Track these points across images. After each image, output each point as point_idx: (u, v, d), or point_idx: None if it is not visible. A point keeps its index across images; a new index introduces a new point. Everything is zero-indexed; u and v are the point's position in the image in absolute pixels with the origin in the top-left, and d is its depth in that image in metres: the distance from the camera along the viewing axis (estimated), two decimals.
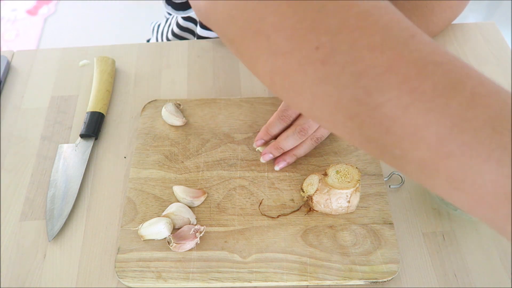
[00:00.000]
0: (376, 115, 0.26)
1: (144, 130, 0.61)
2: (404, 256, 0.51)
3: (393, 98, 0.25)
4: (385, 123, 0.26)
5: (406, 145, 0.26)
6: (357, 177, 0.52)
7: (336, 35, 0.26)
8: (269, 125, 0.56)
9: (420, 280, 0.50)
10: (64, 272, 0.51)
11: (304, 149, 0.56)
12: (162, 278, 0.49)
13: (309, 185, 0.54)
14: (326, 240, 0.51)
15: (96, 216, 0.55)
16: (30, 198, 0.56)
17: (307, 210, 0.53)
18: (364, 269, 0.49)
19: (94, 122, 0.61)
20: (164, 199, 0.55)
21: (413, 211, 0.55)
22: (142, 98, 0.66)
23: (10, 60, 0.71)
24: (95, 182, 0.58)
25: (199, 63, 0.70)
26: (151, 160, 0.58)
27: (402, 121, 0.25)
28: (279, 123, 0.55)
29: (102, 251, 0.52)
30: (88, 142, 0.61)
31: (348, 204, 0.52)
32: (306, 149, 0.57)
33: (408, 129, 0.25)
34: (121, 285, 0.50)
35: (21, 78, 0.69)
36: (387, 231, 0.52)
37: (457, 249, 0.52)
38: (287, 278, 0.49)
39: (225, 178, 0.57)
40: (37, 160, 0.60)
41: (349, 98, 0.26)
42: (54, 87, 0.68)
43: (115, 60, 0.69)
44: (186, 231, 0.51)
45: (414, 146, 0.26)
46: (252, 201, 0.55)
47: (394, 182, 0.57)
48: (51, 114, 0.65)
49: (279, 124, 0.55)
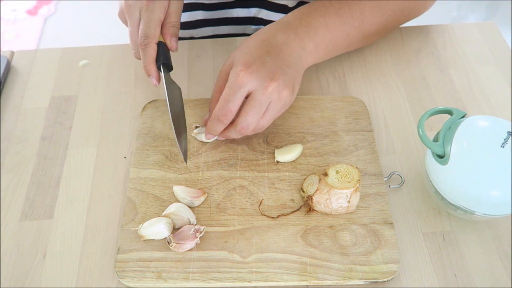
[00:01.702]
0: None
1: (144, 130, 0.61)
2: (404, 256, 0.51)
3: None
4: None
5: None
6: (357, 177, 0.52)
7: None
8: (210, 123, 0.55)
9: (420, 280, 0.50)
10: (64, 272, 0.51)
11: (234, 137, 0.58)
12: (162, 278, 0.49)
13: (309, 185, 0.54)
14: (326, 240, 0.51)
15: (96, 216, 0.55)
16: (30, 198, 0.56)
17: (307, 210, 0.53)
18: (364, 269, 0.49)
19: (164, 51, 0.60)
20: (164, 199, 0.55)
21: (413, 211, 0.55)
22: (142, 98, 0.66)
23: (10, 60, 0.71)
24: (95, 182, 0.58)
25: (199, 63, 0.70)
26: (151, 160, 0.58)
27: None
28: (219, 123, 0.55)
29: (102, 251, 0.52)
30: (166, 74, 0.59)
31: (348, 204, 0.52)
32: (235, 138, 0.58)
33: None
34: (121, 285, 0.50)
35: (21, 78, 0.69)
36: (387, 231, 0.52)
37: (457, 249, 0.52)
38: (287, 278, 0.49)
39: (225, 178, 0.57)
40: (37, 160, 0.60)
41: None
42: (54, 87, 0.68)
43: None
44: (186, 231, 0.51)
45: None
46: (252, 201, 0.55)
47: (394, 182, 0.57)
48: (51, 114, 0.65)
49: (220, 124, 0.55)
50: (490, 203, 0.48)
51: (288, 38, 0.57)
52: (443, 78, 0.67)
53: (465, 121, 0.50)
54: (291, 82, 0.55)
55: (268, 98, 0.53)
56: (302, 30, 0.59)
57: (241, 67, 0.53)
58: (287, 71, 0.55)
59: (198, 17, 0.82)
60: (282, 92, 0.54)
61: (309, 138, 0.60)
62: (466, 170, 0.48)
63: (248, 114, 0.53)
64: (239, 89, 0.53)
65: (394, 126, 0.62)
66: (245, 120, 0.53)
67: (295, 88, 0.56)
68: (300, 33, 0.58)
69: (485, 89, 0.66)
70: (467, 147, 0.48)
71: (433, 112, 0.52)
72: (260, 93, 0.53)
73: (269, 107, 0.54)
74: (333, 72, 0.69)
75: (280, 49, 0.56)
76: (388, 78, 0.68)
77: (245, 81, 0.52)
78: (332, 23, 0.60)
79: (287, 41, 0.57)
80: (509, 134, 0.48)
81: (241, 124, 0.54)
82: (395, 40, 0.73)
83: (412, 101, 0.65)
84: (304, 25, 0.59)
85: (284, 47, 0.56)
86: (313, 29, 0.59)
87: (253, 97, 0.53)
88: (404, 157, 0.59)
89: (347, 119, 0.62)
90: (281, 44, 0.56)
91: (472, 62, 0.69)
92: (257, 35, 0.58)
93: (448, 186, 0.50)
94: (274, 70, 0.54)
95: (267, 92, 0.53)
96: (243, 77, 0.52)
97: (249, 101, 0.53)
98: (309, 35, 0.59)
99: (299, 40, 0.58)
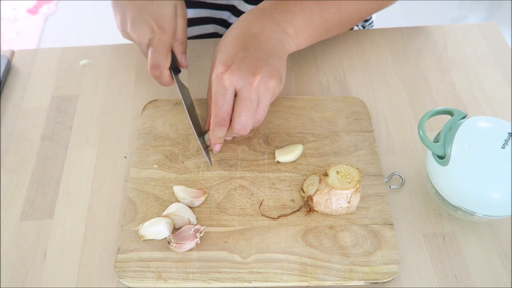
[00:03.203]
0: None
1: (145, 130, 0.61)
2: (404, 257, 0.51)
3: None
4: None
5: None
6: (358, 177, 0.52)
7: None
8: (212, 132, 0.55)
9: (420, 281, 0.50)
10: (64, 272, 0.51)
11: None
12: (162, 278, 0.49)
13: (310, 185, 0.54)
14: (326, 241, 0.51)
15: (96, 216, 0.55)
16: (30, 198, 0.56)
17: (308, 211, 0.53)
18: (364, 270, 0.49)
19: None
20: (164, 199, 0.55)
21: (414, 212, 0.55)
22: (142, 98, 0.66)
23: (10, 59, 0.71)
24: (95, 182, 0.58)
25: (199, 63, 0.70)
26: (152, 160, 0.58)
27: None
28: (220, 129, 0.54)
29: (102, 251, 0.52)
30: (176, 76, 0.62)
31: (349, 204, 0.52)
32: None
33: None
34: (121, 285, 0.50)
35: (21, 78, 0.69)
36: (388, 232, 0.52)
37: (457, 250, 0.52)
38: (287, 279, 0.49)
39: (225, 178, 0.57)
40: (37, 160, 0.60)
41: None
42: (54, 86, 0.68)
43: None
44: (186, 231, 0.51)
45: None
46: (253, 201, 0.55)
47: (395, 182, 0.57)
48: (51, 113, 0.65)
49: (220, 129, 0.54)
50: (490, 204, 0.48)
51: (264, 26, 0.56)
52: (444, 79, 0.67)
53: (466, 122, 0.50)
54: (276, 71, 0.54)
55: (256, 93, 0.52)
56: (279, 15, 0.57)
57: (221, 69, 0.52)
58: (269, 60, 0.54)
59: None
60: (268, 84, 0.53)
61: (310, 138, 0.60)
62: (467, 171, 0.48)
63: (242, 115, 0.52)
64: (225, 92, 0.52)
65: (395, 126, 0.62)
66: (240, 121, 0.53)
67: (281, 75, 0.55)
68: (276, 19, 0.57)
69: (486, 90, 0.66)
70: (468, 148, 0.48)
71: (434, 112, 0.52)
72: (246, 90, 0.52)
73: (260, 101, 0.53)
74: (334, 72, 0.69)
75: (257, 39, 0.55)
76: (388, 78, 0.68)
77: (228, 83, 0.52)
78: (309, 8, 0.59)
79: (263, 29, 0.55)
80: (509, 135, 0.48)
81: (238, 126, 0.53)
82: (395, 40, 0.73)
83: (412, 102, 0.65)
84: (279, 10, 0.58)
85: (261, 36, 0.55)
86: (290, 14, 0.58)
87: (240, 96, 0.52)
88: (404, 158, 0.59)
89: (348, 119, 0.62)
90: (257, 33, 0.55)
91: (473, 62, 0.69)
92: (231, 30, 0.56)
93: (448, 187, 0.50)
94: (255, 64, 0.52)
95: (253, 88, 0.52)
96: (225, 79, 0.52)
97: (238, 101, 0.53)
98: (287, 20, 0.57)
99: (277, 25, 0.56)
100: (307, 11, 0.59)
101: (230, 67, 0.52)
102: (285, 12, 0.58)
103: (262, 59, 0.53)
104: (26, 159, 0.60)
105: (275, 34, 0.56)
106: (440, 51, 0.71)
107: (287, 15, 0.58)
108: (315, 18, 0.60)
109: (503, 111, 0.63)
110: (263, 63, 0.53)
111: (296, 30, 0.58)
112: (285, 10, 0.58)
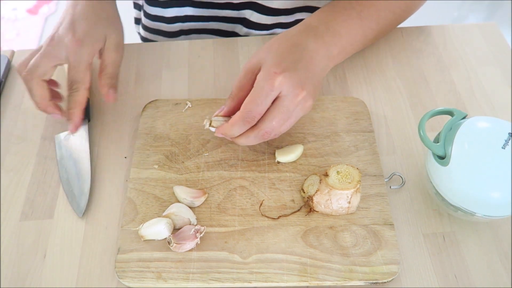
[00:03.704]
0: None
1: (145, 130, 0.61)
2: (404, 257, 0.51)
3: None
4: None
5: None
6: (358, 177, 0.52)
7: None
8: (232, 125, 0.52)
9: (420, 281, 0.50)
10: (64, 272, 0.51)
11: (251, 144, 0.55)
12: (162, 278, 0.49)
13: (310, 185, 0.54)
14: (326, 241, 0.51)
15: (96, 216, 0.55)
16: (30, 198, 0.56)
17: (308, 211, 0.53)
18: (364, 270, 0.49)
19: None
20: (164, 200, 0.55)
21: (414, 212, 0.55)
22: (142, 98, 0.66)
23: (10, 59, 0.71)
24: (95, 182, 0.58)
25: (199, 63, 0.70)
26: (152, 160, 0.58)
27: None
28: (243, 126, 0.52)
29: (102, 251, 0.52)
30: (83, 126, 0.62)
31: (349, 204, 0.52)
32: (252, 144, 0.55)
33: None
34: (121, 285, 0.50)
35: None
36: (388, 232, 0.52)
37: (458, 250, 0.52)
38: (287, 279, 0.49)
39: (225, 178, 0.57)
40: (37, 160, 0.60)
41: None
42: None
43: None
44: (187, 231, 0.51)
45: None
46: (253, 201, 0.54)
47: (395, 183, 0.57)
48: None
49: (243, 126, 0.52)
50: (490, 205, 0.48)
51: (318, 46, 0.56)
52: (444, 79, 0.67)
53: (466, 122, 0.50)
54: (315, 93, 0.54)
55: (295, 106, 0.52)
56: (329, 37, 0.57)
57: (276, 69, 0.51)
58: (314, 82, 0.54)
59: (187, 12, 0.80)
60: (307, 102, 0.53)
61: (310, 138, 0.60)
62: (467, 171, 0.48)
63: (275, 120, 0.51)
64: (270, 92, 0.51)
65: (395, 126, 0.62)
66: (271, 125, 0.52)
67: (315, 98, 0.55)
68: (327, 41, 0.57)
69: (486, 90, 0.66)
70: (468, 148, 0.48)
71: (434, 113, 0.52)
72: (289, 100, 0.51)
73: (292, 115, 0.53)
74: (334, 72, 0.69)
75: (311, 58, 0.55)
76: (389, 78, 0.68)
77: (278, 85, 0.50)
78: (354, 27, 0.60)
79: (317, 50, 0.56)
80: (510, 135, 0.48)
81: (265, 129, 0.52)
82: (396, 40, 0.73)
83: (413, 102, 0.65)
84: (330, 30, 0.58)
85: (314, 55, 0.55)
86: (338, 35, 0.58)
87: (282, 102, 0.51)
88: (404, 158, 0.59)
89: (348, 119, 0.62)
90: (312, 52, 0.55)
91: (473, 62, 0.69)
92: (287, 38, 0.56)
93: (448, 187, 0.50)
94: (304, 80, 0.52)
95: (296, 100, 0.52)
96: (276, 80, 0.50)
97: (276, 106, 0.51)
98: (334, 42, 0.58)
99: (326, 48, 0.57)
100: (352, 30, 0.60)
101: (284, 72, 0.51)
102: (334, 32, 0.58)
103: (310, 78, 0.53)
104: (26, 159, 0.60)
105: (323, 59, 0.56)
106: (440, 51, 0.71)
107: (335, 36, 0.58)
108: (357, 37, 0.61)
109: (503, 111, 0.63)
110: (310, 82, 0.53)
111: (339, 52, 0.59)
112: (334, 31, 0.58)
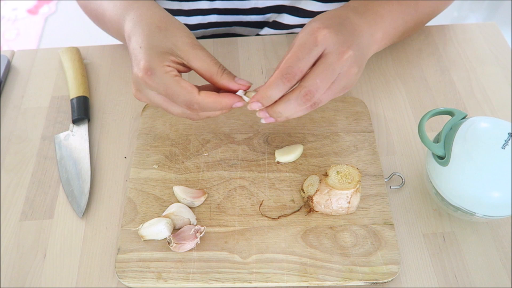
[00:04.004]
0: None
1: (145, 130, 0.61)
2: (404, 257, 0.51)
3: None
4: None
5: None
6: (358, 178, 0.52)
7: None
8: (269, 86, 0.46)
9: (420, 281, 0.50)
10: (64, 272, 0.51)
11: (299, 115, 0.48)
12: (162, 278, 0.49)
13: (310, 185, 0.54)
14: (326, 241, 0.51)
15: (96, 216, 0.55)
16: (30, 198, 0.56)
17: (308, 211, 0.53)
18: (364, 270, 0.49)
19: (82, 105, 0.63)
20: (164, 199, 0.55)
21: (414, 212, 0.55)
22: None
23: (10, 59, 0.71)
24: (95, 182, 0.58)
25: None
26: (152, 160, 0.58)
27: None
28: (282, 85, 0.45)
29: (102, 251, 0.52)
30: (83, 125, 0.62)
31: (349, 204, 0.52)
32: (301, 114, 0.49)
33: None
34: (121, 285, 0.50)
35: (21, 78, 0.69)
36: (388, 232, 0.52)
37: (457, 250, 0.52)
38: (287, 279, 0.49)
39: (225, 178, 0.57)
40: (37, 160, 0.60)
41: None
42: (54, 86, 0.68)
43: (79, 49, 0.71)
44: (186, 231, 0.51)
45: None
46: (253, 201, 0.54)
47: (395, 183, 0.57)
48: (51, 113, 0.65)
49: (282, 85, 0.45)
50: (490, 205, 0.48)
51: (361, 22, 0.52)
52: (444, 79, 0.67)
53: (466, 122, 0.50)
54: (361, 61, 0.49)
55: (340, 67, 0.46)
56: (371, 17, 0.53)
57: (319, 25, 0.46)
58: (360, 51, 0.49)
59: (211, 20, 0.79)
60: (352, 67, 0.47)
61: (310, 138, 0.60)
62: (467, 171, 0.48)
63: (319, 77, 0.45)
64: (315, 47, 0.45)
65: (395, 127, 0.62)
66: (315, 83, 0.45)
67: (360, 71, 0.49)
68: (369, 20, 0.53)
69: (486, 90, 0.66)
70: (468, 148, 0.48)
71: (434, 113, 0.52)
72: (335, 57, 0.46)
73: (337, 78, 0.47)
74: None
75: (354, 29, 0.50)
76: (389, 78, 0.68)
77: (322, 40, 0.46)
78: (395, 10, 0.56)
79: (359, 24, 0.51)
80: (510, 135, 0.48)
81: (308, 87, 0.45)
82: None
83: (413, 102, 0.65)
84: (371, 11, 0.54)
85: (357, 28, 0.50)
86: (380, 17, 0.54)
87: (326, 60, 0.46)
88: (404, 158, 0.59)
89: (348, 119, 0.62)
90: (354, 24, 0.50)
91: (473, 62, 0.69)
92: (327, 12, 0.51)
93: (448, 187, 0.50)
94: (351, 41, 0.47)
95: (342, 59, 0.46)
96: (320, 35, 0.46)
97: (320, 63, 0.46)
98: (376, 23, 0.54)
99: (369, 26, 0.52)
100: (394, 13, 0.57)
101: (329, 28, 0.46)
102: (376, 14, 0.54)
103: (356, 44, 0.48)
104: (26, 159, 0.60)
105: (366, 35, 0.52)
106: (440, 51, 0.71)
107: (377, 17, 0.54)
108: (398, 22, 0.58)
109: (503, 111, 0.63)
110: (356, 48, 0.48)
111: (383, 34, 0.55)
112: (376, 12, 0.54)
